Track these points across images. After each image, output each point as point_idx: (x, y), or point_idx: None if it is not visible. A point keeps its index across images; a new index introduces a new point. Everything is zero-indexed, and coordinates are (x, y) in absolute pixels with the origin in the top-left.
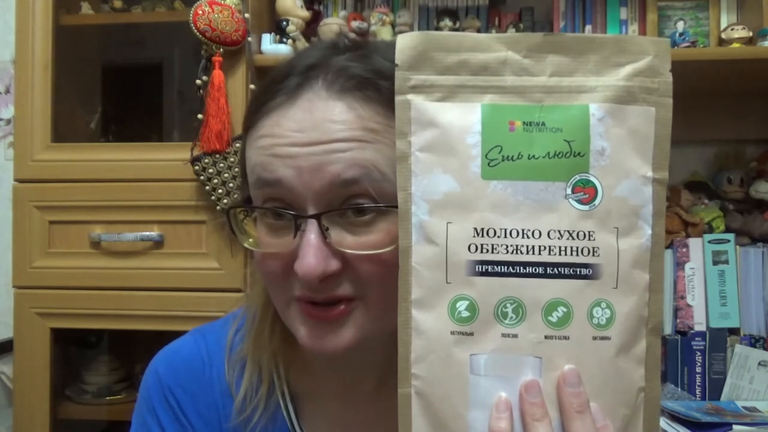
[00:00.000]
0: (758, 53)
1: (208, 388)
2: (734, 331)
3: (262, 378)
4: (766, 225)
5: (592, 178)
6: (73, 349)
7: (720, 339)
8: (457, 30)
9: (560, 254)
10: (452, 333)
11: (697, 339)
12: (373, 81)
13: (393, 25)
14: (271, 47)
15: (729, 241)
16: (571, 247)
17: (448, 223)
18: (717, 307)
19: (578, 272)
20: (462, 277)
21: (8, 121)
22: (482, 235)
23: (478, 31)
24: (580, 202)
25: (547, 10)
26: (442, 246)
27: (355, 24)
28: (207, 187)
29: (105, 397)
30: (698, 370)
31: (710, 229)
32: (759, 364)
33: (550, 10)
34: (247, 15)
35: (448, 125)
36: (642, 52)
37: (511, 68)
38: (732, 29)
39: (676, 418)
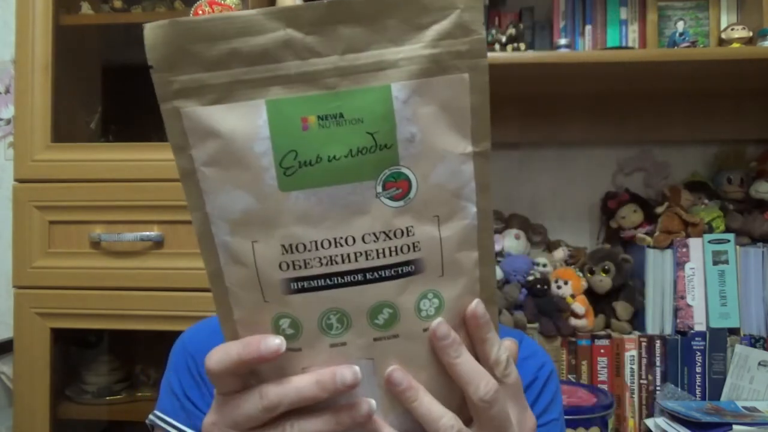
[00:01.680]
0: (758, 53)
1: None
2: (734, 331)
3: None
4: (766, 225)
5: (403, 170)
6: (73, 349)
7: (720, 339)
8: None
9: (378, 257)
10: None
11: (697, 339)
12: None
13: None
14: None
15: (729, 241)
16: (390, 248)
17: (253, 242)
18: (717, 307)
19: (400, 271)
20: (278, 296)
21: (8, 121)
22: (292, 252)
23: None
24: (393, 198)
25: (547, 10)
26: (251, 267)
27: None
28: None
29: (105, 397)
30: (698, 370)
31: (710, 229)
32: (759, 364)
33: (550, 10)
34: None
35: (230, 133)
36: (447, 6)
37: (294, 50)
38: (732, 29)
39: (676, 418)
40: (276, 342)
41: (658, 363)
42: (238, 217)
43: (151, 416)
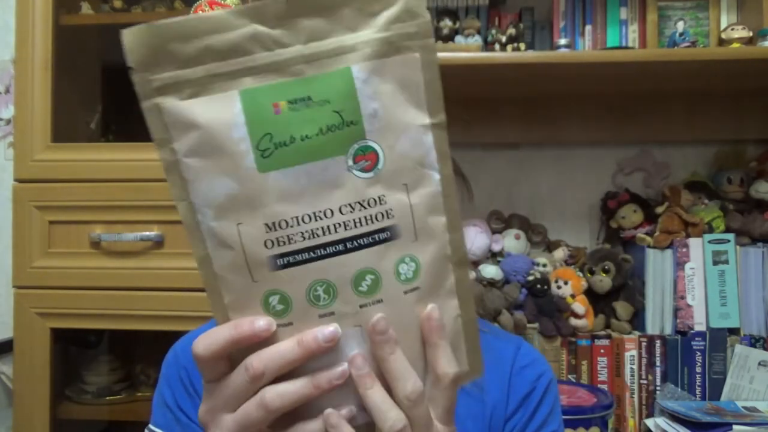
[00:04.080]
0: (758, 53)
1: None
2: (734, 331)
3: None
4: (766, 225)
5: (370, 143)
6: (73, 349)
7: (720, 339)
8: (456, 30)
9: (356, 226)
10: None
11: (697, 339)
12: None
13: None
14: None
15: (729, 241)
16: (365, 217)
17: (238, 224)
18: (717, 307)
19: (377, 238)
20: (266, 273)
21: (8, 121)
22: (275, 229)
23: (478, 31)
24: (363, 170)
25: (547, 10)
26: (238, 249)
27: None
28: None
29: (105, 397)
30: (698, 370)
31: (710, 229)
32: (759, 364)
33: (550, 10)
34: None
35: (208, 123)
36: None
37: (262, 43)
38: (732, 29)
39: (676, 418)
40: (266, 320)
41: (658, 363)
42: (222, 201)
43: (146, 431)
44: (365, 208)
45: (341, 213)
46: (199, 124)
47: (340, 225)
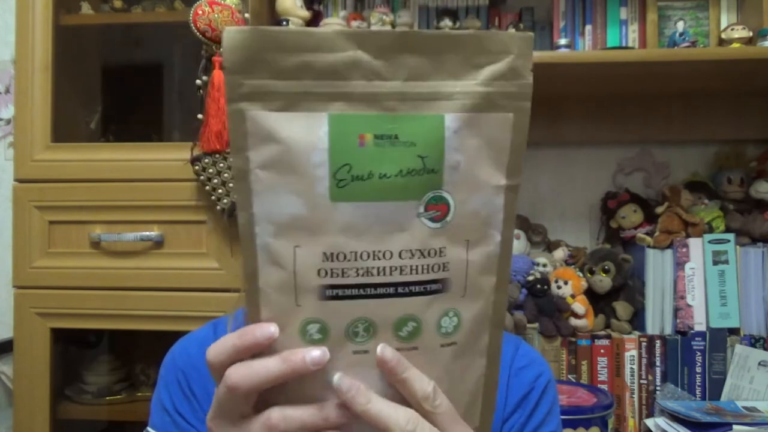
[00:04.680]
0: (758, 53)
1: None
2: (734, 331)
3: None
4: (766, 225)
5: (445, 195)
6: (73, 349)
7: (720, 339)
8: (457, 30)
9: (411, 273)
10: None
11: (697, 339)
12: None
13: (393, 25)
14: None
15: (729, 241)
16: (422, 266)
17: (295, 246)
18: (717, 307)
19: (428, 288)
20: (312, 301)
21: (8, 121)
22: (332, 260)
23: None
24: (432, 219)
25: (547, 10)
26: (289, 270)
27: (354, 24)
28: (207, 187)
29: (105, 397)
30: (698, 370)
31: (710, 229)
32: (759, 364)
33: (550, 10)
34: (247, 15)
35: (291, 141)
36: (503, 51)
37: (361, 71)
38: (732, 29)
39: (676, 418)
40: (271, 329)
41: (658, 363)
42: (286, 220)
43: None
44: (424, 257)
45: (400, 257)
46: (280, 138)
47: (396, 269)
